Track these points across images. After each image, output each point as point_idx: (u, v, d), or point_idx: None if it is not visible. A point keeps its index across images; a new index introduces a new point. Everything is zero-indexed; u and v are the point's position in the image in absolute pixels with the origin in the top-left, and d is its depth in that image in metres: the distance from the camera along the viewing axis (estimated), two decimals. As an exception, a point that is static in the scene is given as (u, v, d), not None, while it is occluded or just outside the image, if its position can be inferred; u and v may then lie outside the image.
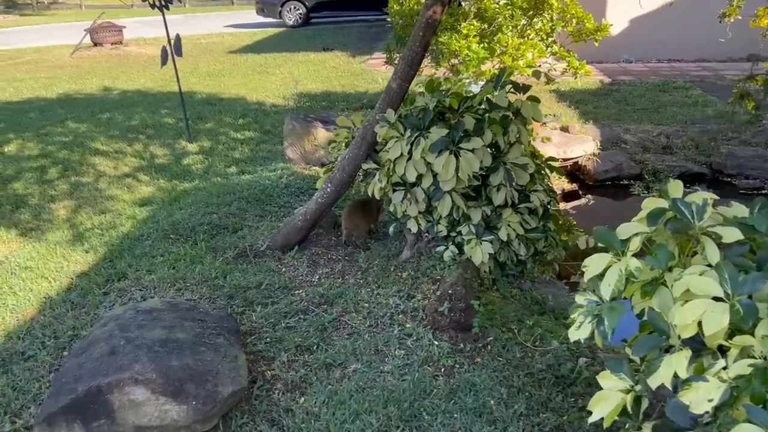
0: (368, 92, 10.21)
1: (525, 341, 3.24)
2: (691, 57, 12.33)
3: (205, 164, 6.90)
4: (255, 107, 9.58)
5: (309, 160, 6.34)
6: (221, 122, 8.78)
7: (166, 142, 7.89)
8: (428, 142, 3.74)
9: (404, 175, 3.89)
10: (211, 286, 3.84)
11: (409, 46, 3.87)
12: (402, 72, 3.91)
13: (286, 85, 11.16)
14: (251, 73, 12.56)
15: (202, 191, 5.74)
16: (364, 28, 19.40)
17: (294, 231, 4.39)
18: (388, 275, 3.95)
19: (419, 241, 4.26)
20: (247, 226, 4.86)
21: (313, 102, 9.69)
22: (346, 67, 12.68)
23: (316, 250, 4.40)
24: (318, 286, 3.85)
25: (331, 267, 4.13)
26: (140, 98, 10.61)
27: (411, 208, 4.02)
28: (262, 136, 8.02)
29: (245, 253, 4.39)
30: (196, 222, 4.86)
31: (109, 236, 4.78)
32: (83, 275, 4.15)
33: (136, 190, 6.08)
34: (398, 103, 4.02)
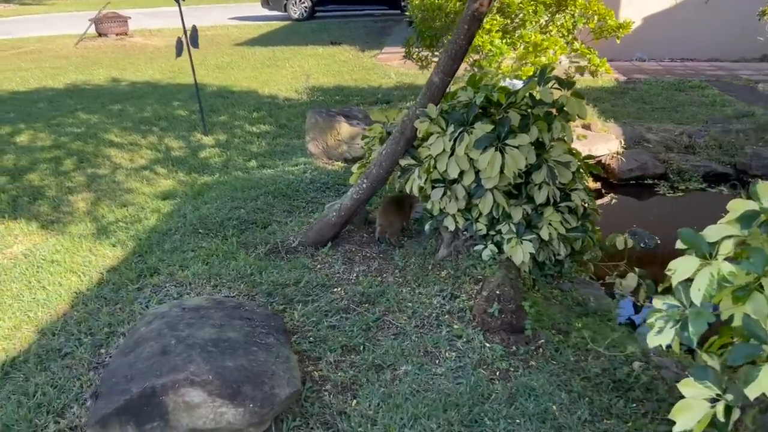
0: (381, 87, 10.10)
1: (577, 344, 3.16)
2: (704, 56, 12.26)
3: (223, 158, 6.80)
4: (268, 101, 9.46)
5: (331, 155, 6.24)
6: (235, 115, 8.67)
7: (181, 134, 7.77)
8: (473, 138, 3.65)
9: (445, 172, 3.80)
10: (248, 282, 3.75)
11: (453, 39, 3.77)
12: (445, 66, 3.81)
13: (297, 79, 11.04)
14: (260, 66, 12.44)
15: (225, 185, 5.64)
16: (370, 23, 19.25)
17: (327, 227, 4.30)
18: (427, 274, 3.86)
19: (456, 240, 4.17)
20: (276, 221, 4.76)
21: (326, 96, 9.58)
22: (356, 61, 12.56)
23: (349, 247, 4.30)
24: (357, 284, 3.76)
25: (368, 265, 4.04)
26: (150, 90, 10.48)
27: (450, 205, 3.93)
28: (278, 130, 7.91)
29: (277, 249, 4.29)
30: (224, 216, 4.76)
31: (135, 230, 4.68)
32: (113, 270, 4.05)
33: (156, 183, 5.97)
34: (439, 98, 3.93)
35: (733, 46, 12.08)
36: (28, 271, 4.10)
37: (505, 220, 3.93)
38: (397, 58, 12.43)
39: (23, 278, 4.01)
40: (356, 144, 6.11)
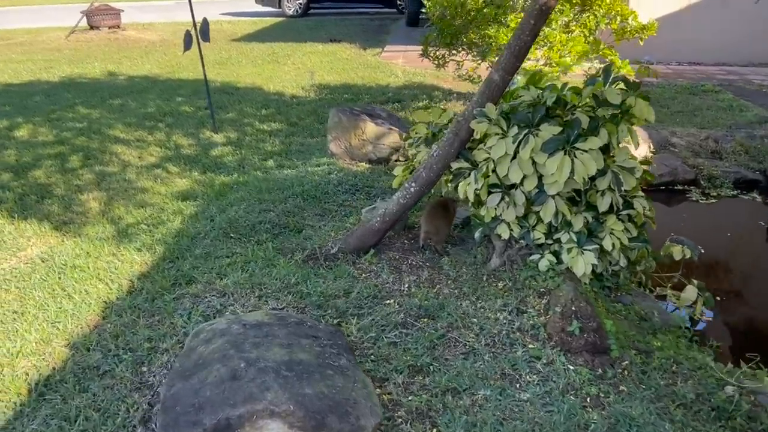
0: (390, 86, 9.84)
1: (662, 365, 2.93)
2: (712, 60, 12.17)
3: (237, 156, 6.49)
4: (275, 97, 9.16)
5: (355, 155, 5.97)
6: (243, 112, 8.36)
7: (189, 131, 7.45)
8: (539, 141, 3.41)
9: (505, 177, 3.56)
10: (295, 293, 3.47)
11: (517, 35, 3.52)
12: (507, 63, 3.56)
13: (301, 76, 10.74)
14: (261, 62, 12.11)
15: (248, 186, 5.34)
16: (366, 21, 18.99)
17: (370, 233, 4.03)
18: (483, 286, 3.61)
19: (509, 248, 3.92)
20: (309, 225, 4.49)
21: (335, 94, 9.29)
22: (359, 59, 12.29)
23: (392, 255, 4.04)
24: (411, 296, 3.49)
25: (417, 274, 3.78)
26: (150, 84, 10.12)
27: (507, 212, 3.69)
28: (289, 128, 7.62)
29: (315, 255, 4.02)
30: (255, 220, 4.47)
31: (160, 233, 4.37)
32: (144, 277, 3.75)
33: (171, 183, 5.66)
34: (499, 97, 3.68)
35: (741, 50, 12.01)
36: (50, 278, 3.78)
37: (564, 228, 3.70)
38: (400, 56, 12.20)
39: (45, 285, 3.69)
40: (381, 144, 5.84)
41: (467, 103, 8.73)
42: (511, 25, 6.84)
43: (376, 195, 5.05)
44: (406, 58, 12.01)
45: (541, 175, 3.54)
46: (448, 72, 10.40)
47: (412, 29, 16.48)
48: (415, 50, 13.01)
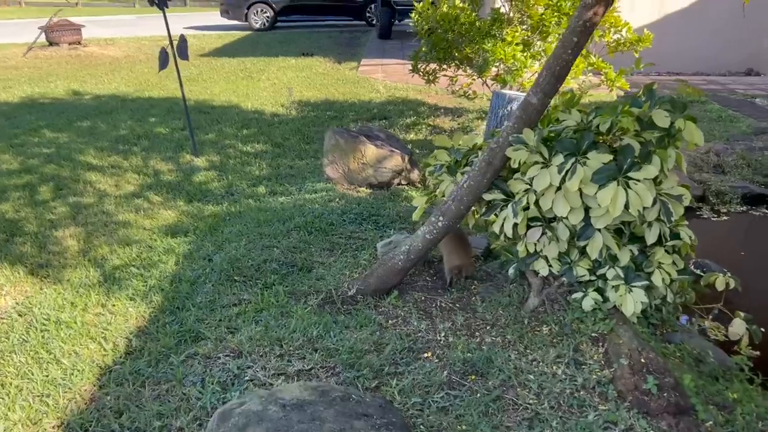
0: (373, 101, 9.49)
1: (748, 424, 2.60)
2: (691, 70, 12.13)
3: (224, 183, 6.04)
4: (254, 116, 8.71)
5: (354, 180, 5.57)
6: (222, 133, 7.89)
7: (167, 155, 6.96)
8: (588, 171, 3.08)
9: (550, 210, 3.21)
10: (321, 350, 3.05)
11: (557, 54, 3.19)
12: (546, 84, 3.22)
13: (278, 92, 10.32)
14: (234, 78, 11.64)
15: (242, 217, 4.91)
16: (335, 33, 18.65)
17: (393, 273, 3.64)
18: (528, 331, 3.26)
19: (547, 286, 3.58)
20: (318, 263, 4.07)
21: (317, 112, 8.89)
22: (336, 73, 11.91)
23: (417, 296, 3.66)
24: (451, 348, 3.11)
25: (451, 319, 3.40)
26: (119, 104, 9.56)
27: (549, 247, 3.34)
28: (275, 150, 7.19)
29: (331, 299, 3.61)
30: (259, 259, 4.04)
31: (154, 278, 3.90)
32: (142, 334, 3.28)
33: (155, 215, 5.18)
34: (536, 122, 3.34)
35: (719, 59, 12.01)
36: (32, 337, 3.29)
37: (609, 262, 3.38)
38: (379, 70, 11.87)
39: (27, 347, 3.20)
40: (383, 168, 5.46)
41: (456, 119, 8.45)
42: (507, 39, 6.55)
43: (385, 225, 4.67)
44: (386, 72, 11.68)
45: (588, 207, 3.21)
46: (432, 87, 10.10)
47: (384, 42, 16.18)
48: (393, 64, 12.74)
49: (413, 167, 5.63)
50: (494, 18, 6.70)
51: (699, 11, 11.79)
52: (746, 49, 12.06)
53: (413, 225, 4.69)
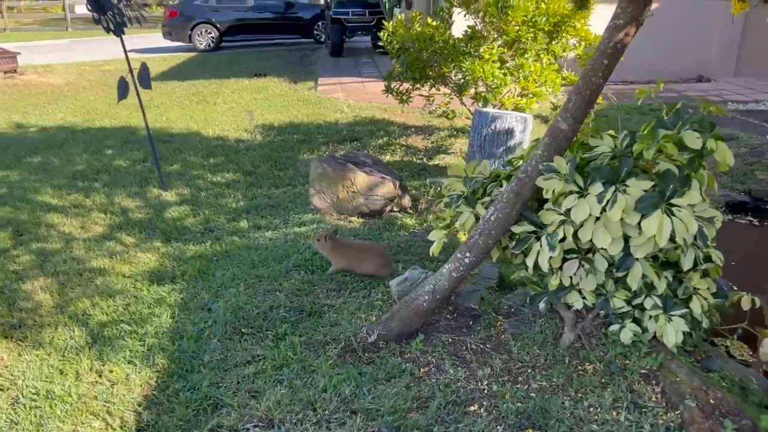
0: (339, 122, 9.23)
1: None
2: (644, 79, 12.34)
3: (200, 218, 5.67)
4: (218, 143, 8.34)
5: (344, 209, 5.30)
6: (187, 163, 7.50)
7: (132, 190, 6.54)
8: (630, 199, 2.91)
9: (589, 241, 3.03)
10: (359, 412, 2.77)
11: (586, 76, 3.03)
12: (576, 109, 3.05)
13: (238, 116, 9.95)
14: (188, 103, 11.20)
15: (230, 258, 4.57)
16: (283, 52, 18.32)
17: (417, 315, 3.39)
18: (573, 372, 3.06)
19: (581, 320, 3.39)
20: (328, 305, 3.79)
21: (284, 135, 8.58)
22: (294, 94, 11.61)
23: (443, 338, 3.42)
24: (497, 398, 2.88)
25: (488, 363, 3.17)
26: (68, 136, 9.01)
27: (587, 280, 3.15)
28: (246, 178, 6.86)
29: (351, 347, 3.34)
30: (263, 306, 3.73)
31: (150, 336, 3.54)
32: (153, 405, 2.93)
33: (132, 259, 4.79)
34: (566, 149, 3.16)
35: (671, 68, 12.25)
36: (22, 417, 2.89)
37: (645, 292, 3.22)
38: (339, 89, 11.64)
39: (19, 430, 2.80)
40: (375, 196, 5.21)
41: (428, 137, 8.28)
42: (485, 56, 6.42)
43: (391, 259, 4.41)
44: (346, 92, 11.45)
45: (628, 237, 3.04)
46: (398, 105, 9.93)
47: (338, 60, 15.97)
48: (352, 82, 12.53)
49: (404, 193, 5.40)
50: (470, 35, 6.57)
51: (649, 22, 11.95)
52: (695, 56, 12.37)
53: (421, 257, 4.46)
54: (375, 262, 4.08)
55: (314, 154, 7.69)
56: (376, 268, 4.08)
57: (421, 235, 4.90)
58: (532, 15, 6.45)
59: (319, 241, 4.15)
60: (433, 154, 7.47)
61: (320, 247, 4.16)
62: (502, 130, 6.15)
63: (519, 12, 6.24)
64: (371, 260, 4.08)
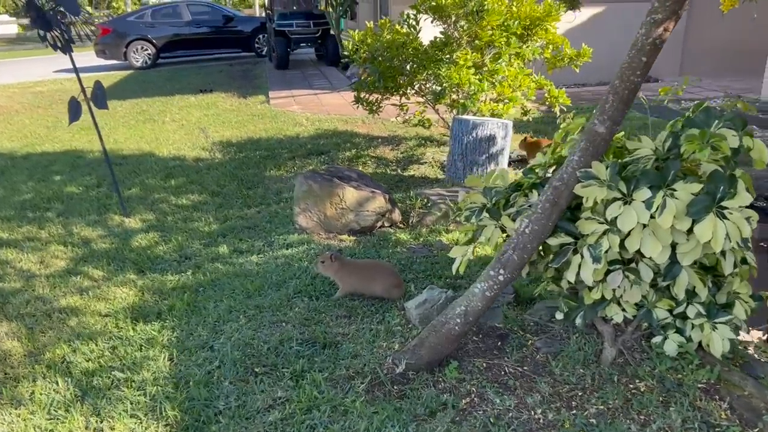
0: (301, 136, 8.90)
1: None
2: (594, 81, 12.52)
3: (172, 245, 5.25)
4: (175, 163, 7.88)
5: (332, 227, 4.99)
6: (146, 186, 7.02)
7: (91, 218, 6.04)
8: (680, 204, 2.73)
9: (638, 251, 2.84)
10: (414, 457, 2.48)
11: (624, 76, 2.85)
12: (615, 111, 2.87)
13: (190, 134, 9.48)
14: (134, 122, 10.63)
15: (221, 288, 4.19)
16: (225, 67, 17.80)
17: (448, 340, 3.13)
18: (628, 393, 2.85)
19: (620, 333, 3.20)
20: (341, 334, 3.48)
21: (245, 152, 8.19)
22: (246, 109, 11.19)
23: (477, 362, 3.17)
24: (558, 428, 2.64)
25: (535, 389, 2.93)
26: (8, 163, 8.36)
27: (631, 292, 2.96)
28: (214, 199, 6.46)
29: (379, 380, 3.04)
30: (272, 340, 3.39)
31: (150, 383, 3.13)
32: (171, 467, 2.55)
33: (106, 294, 4.34)
34: (604, 153, 2.97)
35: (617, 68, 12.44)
36: (16, 495, 2.46)
37: (686, 299, 3.06)
38: (293, 102, 11.30)
39: None
40: (365, 211, 4.93)
41: (396, 148, 8.04)
42: (459, 62, 6.24)
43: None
44: (301, 104, 11.11)
45: (674, 244, 2.87)
46: (359, 116, 9.69)
47: (284, 72, 15.60)
48: (305, 95, 12.21)
49: (394, 207, 5.13)
50: (444, 42, 6.38)
51: (597, 26, 12.22)
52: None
53: (427, 275, 4.20)
54: (385, 283, 3.79)
55: (281, 170, 7.34)
56: (387, 289, 3.80)
57: (420, 250, 4.64)
58: (505, 19, 6.32)
59: (323, 263, 3.84)
60: (406, 164, 7.24)
61: (325, 270, 3.85)
62: (483, 137, 5.98)
63: (495, 16, 6.09)
64: (381, 281, 3.80)
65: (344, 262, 3.86)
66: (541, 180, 3.33)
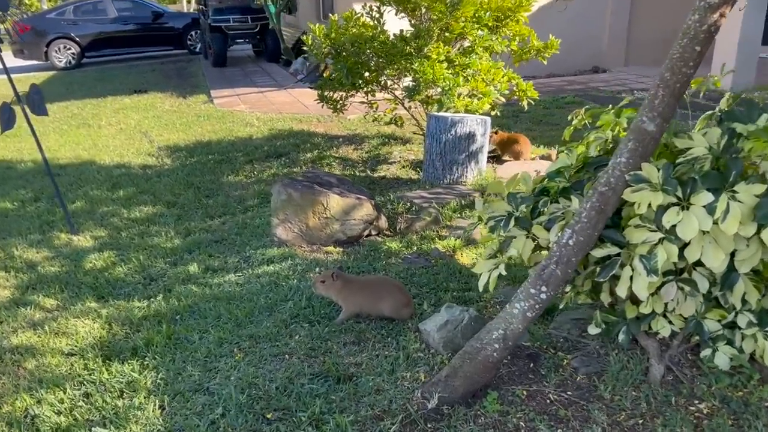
0: (255, 137, 8.38)
1: None
2: (543, 73, 12.44)
3: (132, 265, 4.71)
4: (121, 172, 7.23)
5: (315, 238, 4.56)
6: (92, 198, 6.38)
7: (34, 238, 5.39)
8: (745, 207, 2.47)
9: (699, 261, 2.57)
10: None
11: (674, 66, 2.56)
12: (665, 106, 2.58)
13: (133, 139, 8.80)
14: (67, 128, 9.81)
15: (201, 315, 3.72)
16: (157, 66, 16.92)
17: (486, 368, 2.78)
18: (694, 418, 2.58)
19: (665, 347, 2.94)
20: (354, 365, 3.09)
21: (197, 156, 7.61)
22: (188, 110, 10.54)
23: (516, 390, 2.84)
24: (630, 465, 2.34)
25: (590, 418, 2.63)
26: (-74, 178, 7.48)
27: (686, 304, 2.70)
28: (170, 211, 5.91)
29: (410, 419, 2.67)
30: (278, 377, 2.95)
31: (142, 440, 2.66)
32: None
33: (64, 328, 3.79)
34: (652, 153, 2.69)
35: (567, 61, 12.42)
36: None
37: (735, 308, 2.82)
38: (239, 101, 10.73)
39: None
40: (352, 220, 4.53)
41: (359, 147, 7.64)
42: (432, 56, 5.91)
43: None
44: (248, 103, 10.54)
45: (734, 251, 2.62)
46: (312, 115, 9.24)
47: (222, 70, 14.90)
48: (250, 93, 11.62)
49: (380, 213, 4.75)
50: (415, 34, 6.03)
51: (544, 17, 12.11)
52: (589, 49, 12.65)
53: (431, 288, 3.84)
54: (394, 302, 3.41)
55: (239, 175, 6.83)
56: (396, 308, 3.42)
57: (416, 260, 4.28)
58: (476, 9, 6.02)
59: (324, 283, 3.43)
60: (374, 165, 6.85)
61: (326, 290, 3.44)
62: (463, 135, 5.67)
63: (469, 6, 5.78)
64: (389, 299, 3.41)
65: (347, 280, 3.46)
66: (571, 184, 3.03)
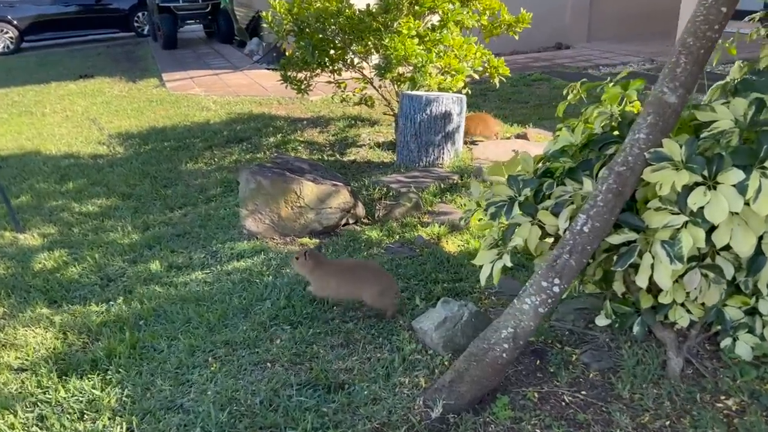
0: (212, 122, 7.93)
1: None
2: (507, 50, 12.21)
3: (87, 264, 4.30)
4: (69, 162, 6.73)
5: (288, 229, 4.23)
6: (38, 192, 5.89)
7: (-26, 238, 4.91)
8: (778, 185, 2.25)
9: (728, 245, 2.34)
10: None
11: (698, 30, 2.31)
12: (687, 76, 2.33)
13: (81, 127, 8.25)
14: (7, 116, 9.17)
15: (168, 319, 3.36)
16: (102, 49, 16.10)
17: (493, 371, 2.52)
18: (723, 416, 2.37)
19: (682, 338, 2.72)
20: (345, 371, 2.79)
21: (152, 144, 7.14)
22: (140, 95, 9.98)
23: (527, 393, 2.59)
24: (666, 476, 2.10)
25: (611, 422, 2.39)
26: None
27: (710, 292, 2.47)
28: (126, 203, 5.48)
29: (414, 430, 2.39)
30: (262, 389, 2.63)
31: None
32: None
33: (13, 339, 3.38)
34: (673, 127, 2.44)
35: (530, 38, 12.13)
36: None
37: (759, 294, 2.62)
38: (193, 85, 10.21)
39: None
40: (327, 208, 4.20)
41: (325, 130, 7.28)
42: (403, 32, 5.58)
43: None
44: (203, 86, 10.03)
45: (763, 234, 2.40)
46: (272, 97, 8.82)
47: (173, 52, 14.24)
48: (205, 75, 11.10)
49: (357, 200, 4.43)
50: (384, 8, 5.68)
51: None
52: (551, 26, 12.45)
53: (419, 280, 3.56)
54: (377, 289, 3.10)
55: (198, 162, 6.41)
56: (379, 297, 3.11)
57: (399, 250, 3.99)
58: (447, -19, 5.72)
59: (297, 260, 3.16)
60: (342, 148, 6.52)
61: (299, 268, 3.17)
62: (438, 114, 5.39)
63: (441, -23, 5.47)
64: (371, 286, 3.10)
65: (321, 261, 3.19)
66: (577, 164, 2.77)
